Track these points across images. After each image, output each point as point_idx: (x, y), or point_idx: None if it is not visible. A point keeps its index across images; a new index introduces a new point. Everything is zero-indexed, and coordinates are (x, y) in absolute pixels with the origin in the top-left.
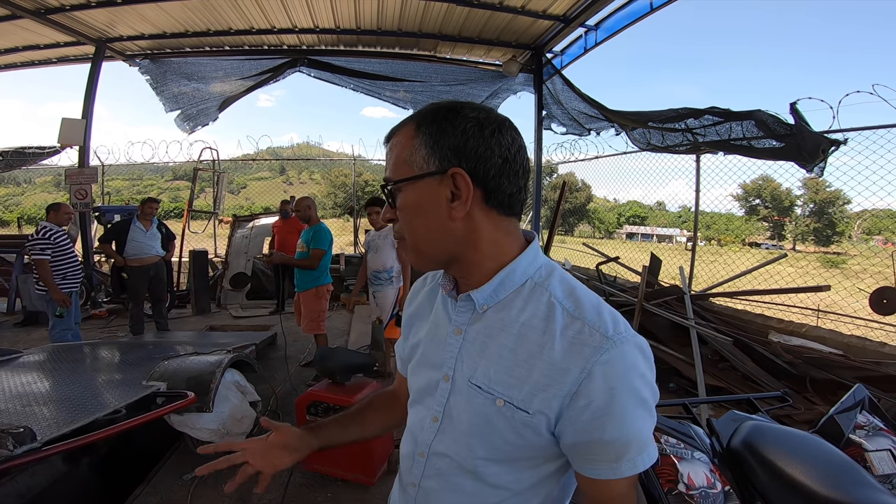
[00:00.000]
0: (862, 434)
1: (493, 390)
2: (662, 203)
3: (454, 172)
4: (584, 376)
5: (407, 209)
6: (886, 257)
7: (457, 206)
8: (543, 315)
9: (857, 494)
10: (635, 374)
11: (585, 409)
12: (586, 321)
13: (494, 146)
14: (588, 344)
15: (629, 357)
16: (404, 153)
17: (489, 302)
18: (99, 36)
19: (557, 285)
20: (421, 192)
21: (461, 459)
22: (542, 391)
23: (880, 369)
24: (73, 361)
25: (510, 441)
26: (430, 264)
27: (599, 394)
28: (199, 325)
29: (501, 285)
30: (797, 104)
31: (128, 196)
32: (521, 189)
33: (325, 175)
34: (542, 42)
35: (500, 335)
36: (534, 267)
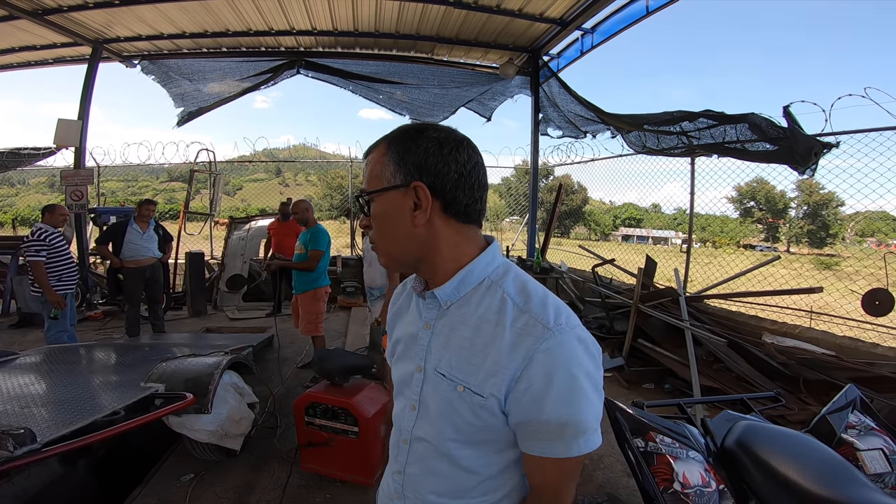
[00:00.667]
0: (854, 433)
1: (454, 377)
2: (658, 205)
3: (416, 186)
4: (527, 363)
5: (378, 217)
6: (879, 259)
7: (418, 215)
8: (496, 309)
9: (848, 492)
10: (573, 362)
11: (526, 391)
12: (532, 313)
13: (451, 163)
14: (531, 334)
15: (567, 346)
16: (376, 168)
17: (451, 298)
18: (96, 37)
19: (511, 283)
20: (389, 202)
21: (437, 443)
22: (492, 376)
23: (873, 370)
24: (70, 363)
25: (471, 423)
26: (398, 265)
27: (538, 378)
28: (195, 327)
29: (461, 283)
30: (790, 107)
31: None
32: (477, 200)
33: (321, 177)
34: (539, 45)
35: (461, 328)
36: (491, 267)
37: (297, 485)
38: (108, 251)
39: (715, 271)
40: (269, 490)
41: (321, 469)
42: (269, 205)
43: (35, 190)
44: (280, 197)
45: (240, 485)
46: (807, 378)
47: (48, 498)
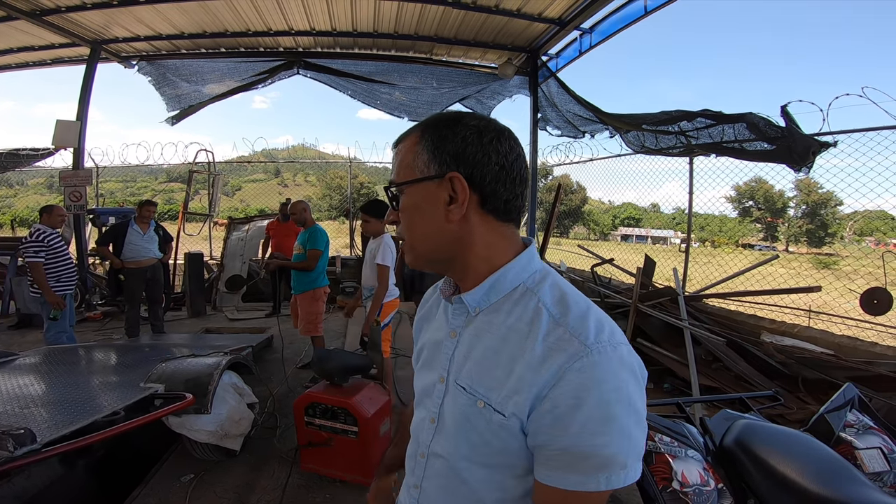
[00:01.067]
0: (852, 432)
1: (475, 391)
2: (657, 205)
3: (452, 176)
4: (555, 381)
5: (407, 210)
6: (877, 258)
7: (453, 209)
8: (529, 319)
9: (847, 491)
10: (609, 387)
11: (549, 412)
12: (569, 328)
13: (492, 153)
14: (565, 350)
15: (605, 367)
16: (408, 158)
17: (480, 305)
18: (94, 37)
19: (548, 291)
20: (421, 194)
21: (453, 461)
22: (516, 394)
23: (871, 369)
24: (69, 363)
25: (489, 442)
26: (426, 264)
27: (564, 399)
28: (194, 327)
29: (493, 288)
30: (788, 107)
31: (122, 198)
32: (518, 196)
33: (320, 177)
34: (538, 45)
35: (486, 337)
36: (527, 272)
37: (296, 485)
38: (109, 252)
39: (714, 271)
40: (269, 490)
41: (321, 469)
42: (269, 205)
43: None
44: (279, 197)
45: (240, 485)
46: (805, 377)
47: (48, 498)
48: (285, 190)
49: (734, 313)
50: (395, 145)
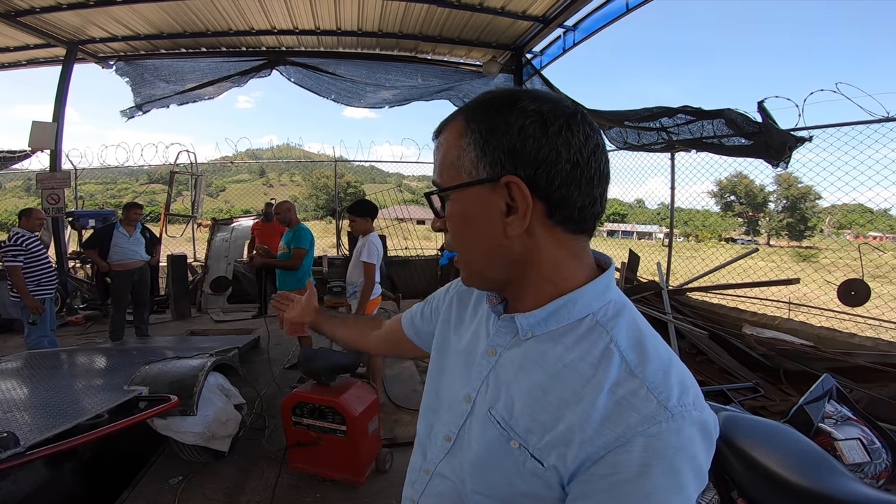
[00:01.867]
0: (830, 423)
1: (510, 429)
2: (642, 200)
3: (508, 181)
4: (619, 444)
5: (456, 220)
6: (854, 250)
7: (512, 222)
8: (595, 361)
9: (827, 483)
10: (684, 456)
11: (605, 478)
12: (646, 381)
13: (561, 147)
14: (639, 410)
15: (685, 436)
16: (451, 154)
17: (535, 330)
18: (70, 38)
19: (623, 330)
20: (471, 201)
21: (460, 488)
22: (562, 445)
23: (850, 360)
24: (52, 368)
25: (514, 485)
26: (485, 284)
27: (630, 467)
28: (179, 330)
29: (554, 315)
30: (764, 102)
31: (102, 200)
32: (596, 201)
33: (306, 177)
34: (522, 42)
35: (536, 370)
36: (600, 302)
37: (286, 485)
38: (96, 255)
39: (697, 265)
40: (258, 491)
41: (310, 469)
42: (254, 205)
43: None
44: (264, 197)
45: (229, 486)
46: (787, 369)
47: (36, 502)
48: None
49: (717, 306)
50: (436, 135)
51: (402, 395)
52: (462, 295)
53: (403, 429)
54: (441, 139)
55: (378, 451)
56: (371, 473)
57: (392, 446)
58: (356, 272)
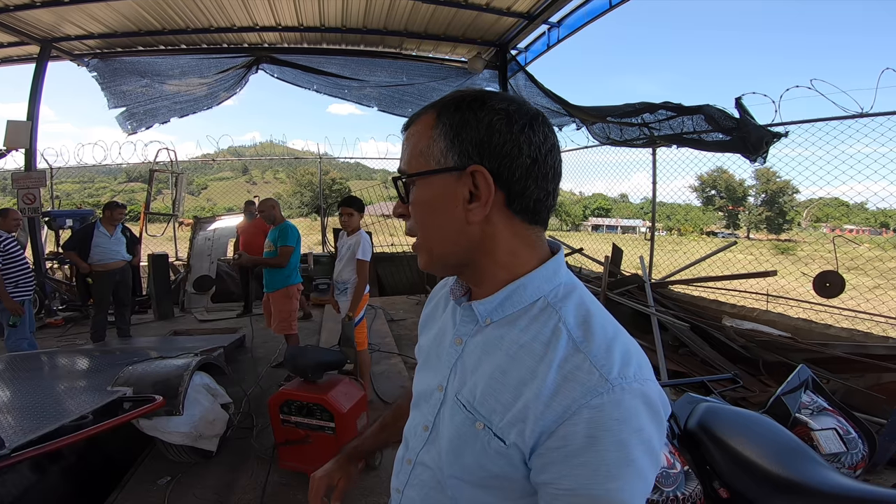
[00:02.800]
0: (807, 413)
1: (475, 411)
2: (626, 195)
3: (474, 170)
4: (567, 417)
5: (420, 206)
6: (830, 242)
7: (474, 209)
8: (546, 340)
9: (803, 472)
10: (628, 429)
11: (557, 451)
12: (590, 356)
13: (523, 144)
14: (583, 383)
15: (626, 407)
16: (421, 144)
17: (493, 316)
18: (44, 36)
19: (572, 309)
20: (436, 188)
21: (439, 474)
22: (521, 422)
23: (827, 351)
24: (34, 370)
25: (483, 466)
26: (441, 268)
27: (577, 439)
28: (162, 330)
29: (508, 299)
30: (742, 99)
31: (79, 200)
32: (550, 194)
33: (290, 174)
34: (507, 39)
35: (496, 353)
36: (551, 285)
37: (276, 483)
38: (76, 256)
39: (679, 258)
40: (248, 490)
41: (300, 466)
42: (236, 203)
43: None
44: (247, 195)
45: (219, 486)
46: (766, 360)
47: None
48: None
49: (697, 299)
50: (406, 128)
51: (390, 391)
52: (435, 298)
53: None
54: (411, 130)
55: None
56: (360, 471)
57: None
58: (348, 270)
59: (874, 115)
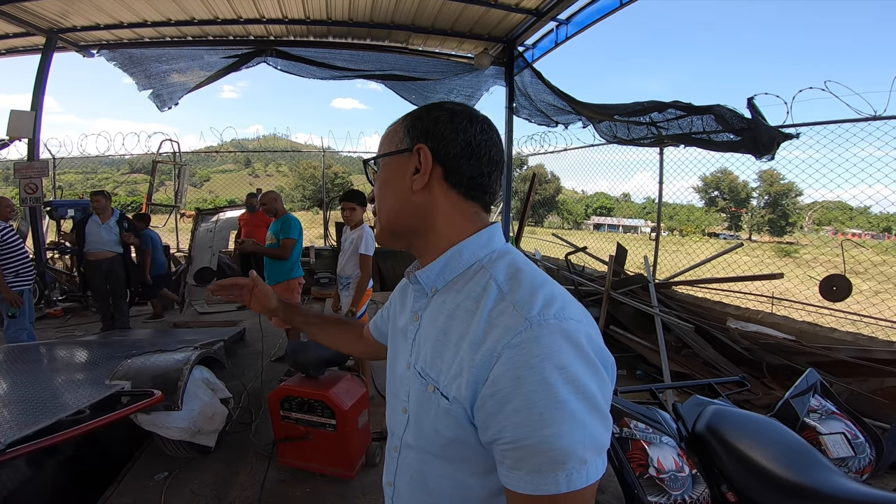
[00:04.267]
0: (815, 417)
1: (427, 375)
2: (628, 195)
3: (419, 147)
4: (494, 360)
5: (381, 182)
6: (835, 246)
7: (417, 179)
8: (478, 296)
9: (814, 477)
10: (550, 365)
11: (491, 397)
12: (514, 301)
13: (460, 132)
14: (504, 324)
15: (545, 342)
16: (387, 137)
17: (436, 284)
18: (50, 27)
19: (502, 267)
20: (392, 167)
21: (417, 451)
22: (459, 376)
23: (831, 354)
24: (30, 362)
25: (440, 432)
26: (390, 237)
27: (504, 381)
28: (162, 322)
29: (447, 266)
30: (754, 99)
31: (81, 190)
32: (484, 175)
33: (292, 167)
34: (515, 35)
35: (439, 317)
36: (485, 250)
37: (275, 479)
38: (73, 239)
39: (682, 259)
40: (247, 486)
41: (299, 463)
42: (238, 196)
43: None
44: (250, 188)
45: (217, 482)
46: (770, 363)
47: (19, 500)
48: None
49: (701, 300)
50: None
51: None
52: (404, 285)
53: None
54: (385, 131)
55: (368, 445)
56: (361, 467)
57: (381, 440)
58: (351, 264)
59: (887, 119)
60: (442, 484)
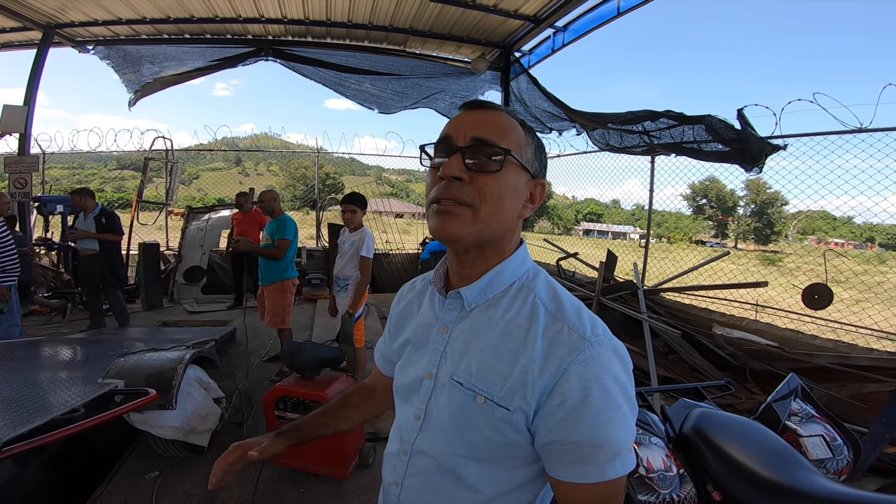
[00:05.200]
0: (796, 420)
1: (474, 387)
2: (617, 201)
3: (543, 183)
4: (561, 374)
5: (506, 185)
6: (818, 255)
7: (528, 209)
8: (528, 314)
9: (794, 477)
10: (609, 376)
11: (559, 407)
12: (566, 322)
13: None
14: (566, 343)
15: (604, 358)
16: (518, 138)
17: (477, 301)
18: (48, 22)
19: (543, 287)
20: (521, 179)
21: (441, 458)
22: (521, 388)
23: (812, 360)
24: (21, 360)
25: (489, 438)
26: (476, 241)
27: (573, 392)
28: (150, 321)
29: (490, 284)
30: (744, 110)
31: (68, 185)
32: None
33: (283, 167)
34: (512, 41)
35: (486, 332)
36: (522, 269)
37: (269, 480)
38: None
39: (669, 265)
40: (240, 486)
41: (293, 463)
42: (228, 194)
43: None
44: (240, 186)
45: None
46: (753, 368)
47: (6, 500)
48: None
49: (688, 307)
50: (490, 107)
51: None
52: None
53: (386, 423)
54: (503, 118)
55: (362, 446)
56: (355, 467)
57: (375, 440)
58: (351, 266)
59: (872, 131)
60: (473, 482)
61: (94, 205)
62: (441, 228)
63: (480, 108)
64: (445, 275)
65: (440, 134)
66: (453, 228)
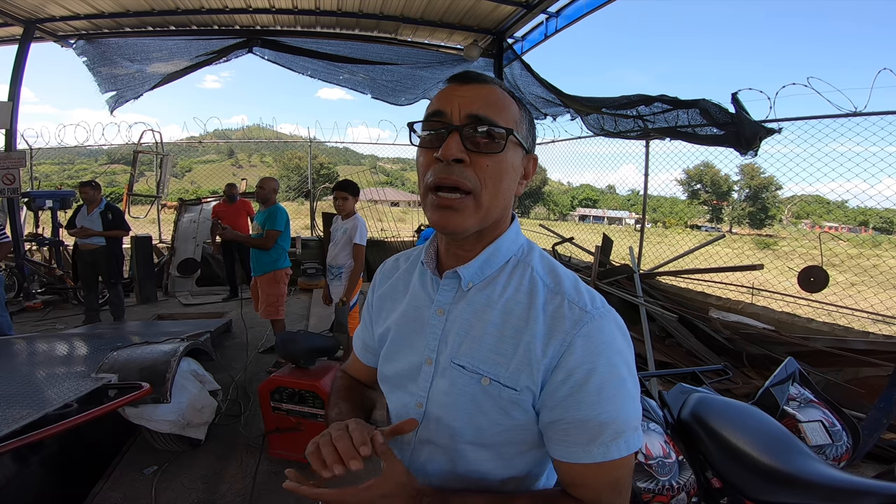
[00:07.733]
0: (794, 405)
1: (478, 369)
2: (613, 186)
3: (535, 158)
4: (565, 349)
5: (505, 165)
6: (812, 239)
7: (522, 185)
8: (527, 290)
9: (794, 464)
10: (612, 350)
11: (564, 383)
12: (566, 296)
13: None
14: (568, 318)
15: (607, 331)
16: (515, 115)
17: (474, 280)
18: (28, 16)
19: (538, 262)
20: (518, 157)
21: (446, 445)
22: (527, 366)
23: (808, 344)
24: (13, 355)
25: (497, 421)
26: (479, 224)
27: (578, 367)
28: (145, 314)
29: (487, 262)
30: (738, 94)
31: (58, 181)
32: None
33: (277, 158)
34: (504, 27)
35: (486, 312)
36: (517, 244)
37: (266, 471)
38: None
39: (665, 250)
40: (238, 478)
41: (291, 455)
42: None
43: None
44: (234, 178)
45: (207, 474)
46: (749, 352)
47: (5, 497)
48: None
49: (684, 290)
50: (482, 81)
51: None
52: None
53: (380, 412)
54: (499, 94)
55: None
56: None
57: None
58: (344, 254)
59: (867, 115)
60: (480, 468)
61: (100, 199)
62: (445, 224)
63: (473, 81)
64: (436, 254)
65: (429, 108)
66: (458, 223)
